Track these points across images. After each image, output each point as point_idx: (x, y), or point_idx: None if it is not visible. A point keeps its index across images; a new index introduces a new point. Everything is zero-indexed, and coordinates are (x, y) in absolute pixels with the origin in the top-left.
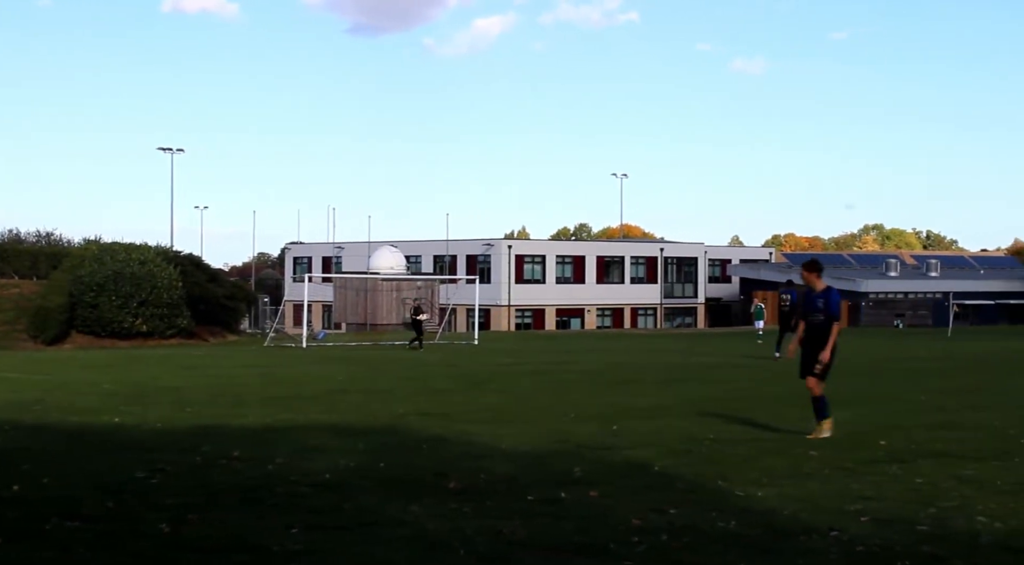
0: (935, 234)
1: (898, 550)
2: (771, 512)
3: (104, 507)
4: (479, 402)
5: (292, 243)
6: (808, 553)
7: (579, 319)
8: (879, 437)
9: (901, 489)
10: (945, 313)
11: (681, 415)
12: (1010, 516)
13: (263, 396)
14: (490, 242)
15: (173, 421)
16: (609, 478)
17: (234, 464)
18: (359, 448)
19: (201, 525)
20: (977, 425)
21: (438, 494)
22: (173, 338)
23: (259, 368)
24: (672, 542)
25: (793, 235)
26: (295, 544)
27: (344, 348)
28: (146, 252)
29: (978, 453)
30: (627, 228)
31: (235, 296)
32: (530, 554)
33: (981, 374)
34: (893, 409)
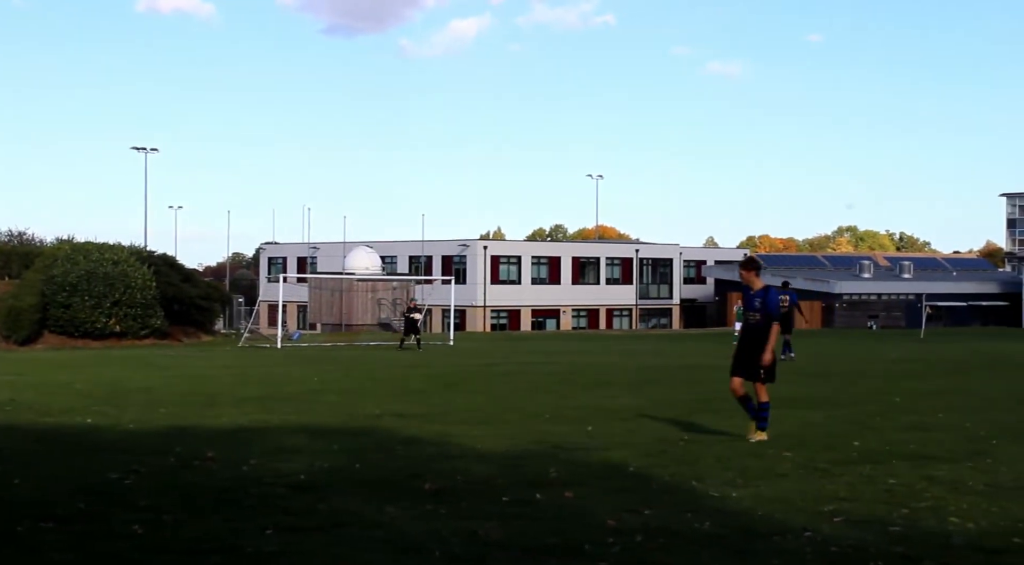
0: (908, 236)
1: (871, 551)
2: (745, 513)
3: (77, 508)
4: (454, 403)
5: (267, 243)
6: (782, 554)
7: (554, 320)
8: (853, 438)
9: (874, 490)
10: (918, 315)
11: (656, 416)
12: (982, 517)
13: (237, 397)
14: (465, 243)
15: (147, 422)
16: (584, 479)
17: (208, 465)
18: (334, 449)
19: (175, 527)
20: (949, 426)
21: (413, 495)
22: (147, 338)
23: (234, 369)
24: (647, 543)
25: (768, 236)
26: (270, 545)
27: (319, 348)
28: (119, 252)
29: (950, 454)
30: (602, 229)
31: (209, 296)
32: (506, 555)
33: (953, 376)
34: (866, 410)
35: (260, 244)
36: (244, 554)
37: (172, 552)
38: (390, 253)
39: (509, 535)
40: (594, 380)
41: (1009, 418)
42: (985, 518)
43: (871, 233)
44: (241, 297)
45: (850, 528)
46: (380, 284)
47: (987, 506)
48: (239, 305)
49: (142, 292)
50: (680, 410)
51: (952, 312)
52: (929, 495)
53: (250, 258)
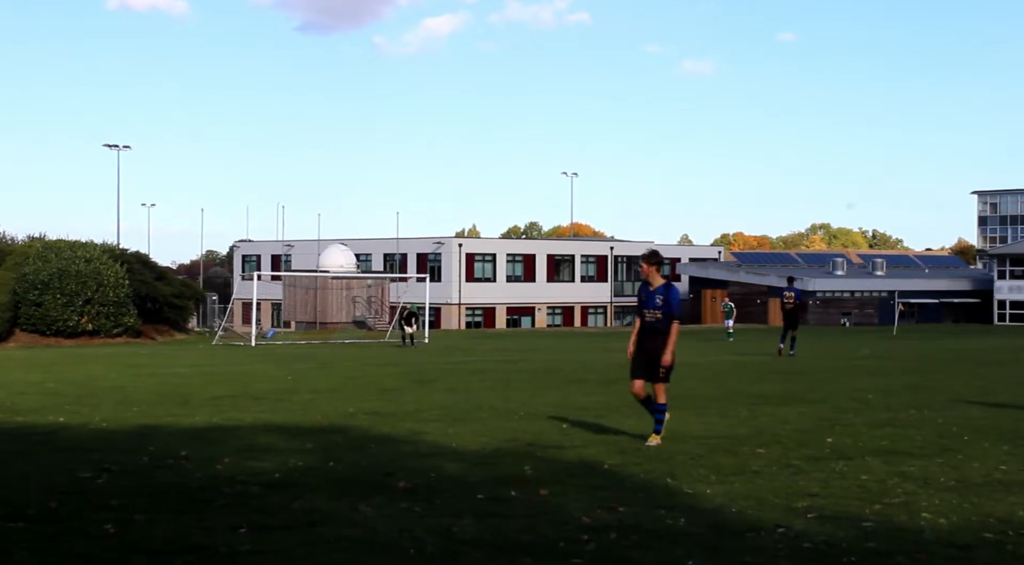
0: (881, 233)
1: (844, 547)
2: (719, 509)
3: (48, 508)
4: (429, 401)
5: (241, 241)
6: (755, 550)
7: (530, 317)
8: (825, 435)
9: (847, 486)
10: (891, 312)
11: (630, 413)
12: (953, 512)
13: (211, 395)
14: (440, 240)
15: (119, 421)
16: (559, 477)
17: (181, 464)
18: (308, 448)
19: (147, 526)
20: (921, 423)
21: (388, 493)
22: (120, 337)
23: (207, 367)
24: (621, 540)
25: (742, 234)
26: (243, 545)
27: (293, 347)
28: (92, 250)
29: (922, 450)
30: (577, 227)
31: (183, 294)
32: (480, 553)
33: (925, 373)
34: (839, 407)
35: (234, 242)
36: (217, 553)
37: (145, 552)
38: (365, 251)
39: (483, 533)
40: (569, 377)
41: (979, 414)
42: (956, 513)
43: (844, 231)
44: (215, 295)
45: (823, 524)
46: (355, 282)
47: (958, 502)
48: (213, 303)
49: (115, 290)
50: None
51: (924, 309)
52: (901, 491)
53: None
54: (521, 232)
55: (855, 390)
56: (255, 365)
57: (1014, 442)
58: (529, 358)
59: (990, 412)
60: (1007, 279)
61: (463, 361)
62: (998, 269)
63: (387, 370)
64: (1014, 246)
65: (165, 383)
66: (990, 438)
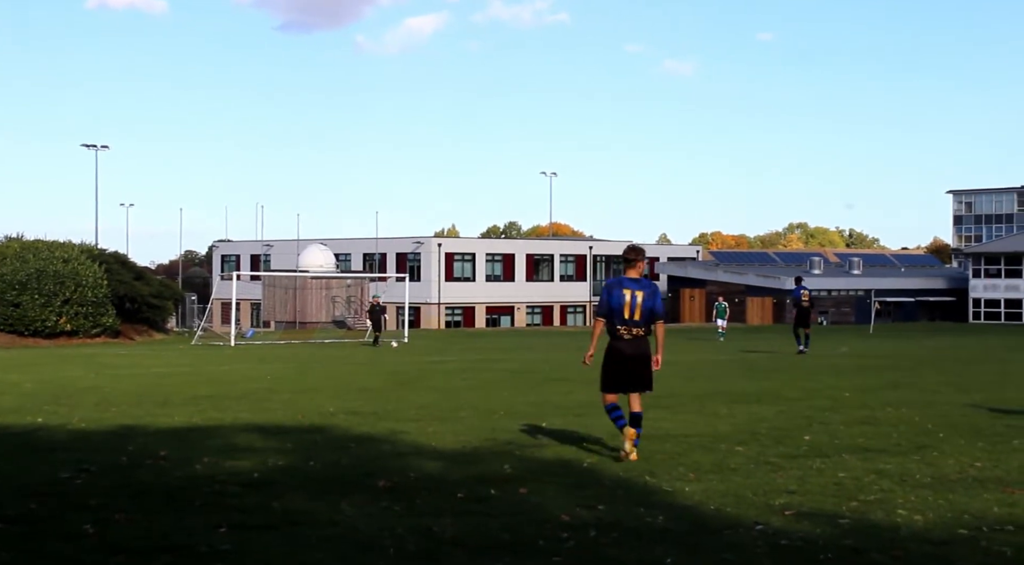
0: (858, 233)
1: (821, 544)
2: (697, 507)
3: (27, 508)
4: (408, 400)
5: (220, 241)
6: (734, 547)
7: (509, 317)
8: (803, 432)
9: (824, 483)
10: (867, 310)
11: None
12: (928, 509)
13: (190, 395)
14: (420, 240)
15: (98, 421)
16: (538, 475)
17: (160, 464)
18: (288, 447)
19: (127, 526)
20: (897, 420)
21: (368, 493)
22: (98, 337)
23: (186, 367)
24: (600, 538)
25: (720, 233)
26: (223, 544)
27: (273, 346)
28: (70, 250)
29: (898, 448)
30: (556, 226)
31: (162, 294)
32: (460, 552)
33: (901, 371)
34: (816, 405)
35: (213, 242)
36: (197, 553)
37: (125, 552)
38: (344, 251)
39: (463, 532)
40: (548, 377)
41: (954, 412)
42: (932, 510)
43: (821, 230)
44: (194, 295)
45: (800, 521)
46: (334, 282)
47: (933, 498)
48: (192, 303)
49: (93, 290)
50: None
51: (900, 307)
52: (877, 488)
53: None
54: (500, 232)
55: (832, 388)
56: (234, 365)
57: (989, 439)
58: (508, 357)
59: (965, 410)
60: (982, 278)
61: (442, 361)
62: (973, 268)
63: (367, 370)
64: (989, 245)
65: (144, 383)
66: (965, 435)
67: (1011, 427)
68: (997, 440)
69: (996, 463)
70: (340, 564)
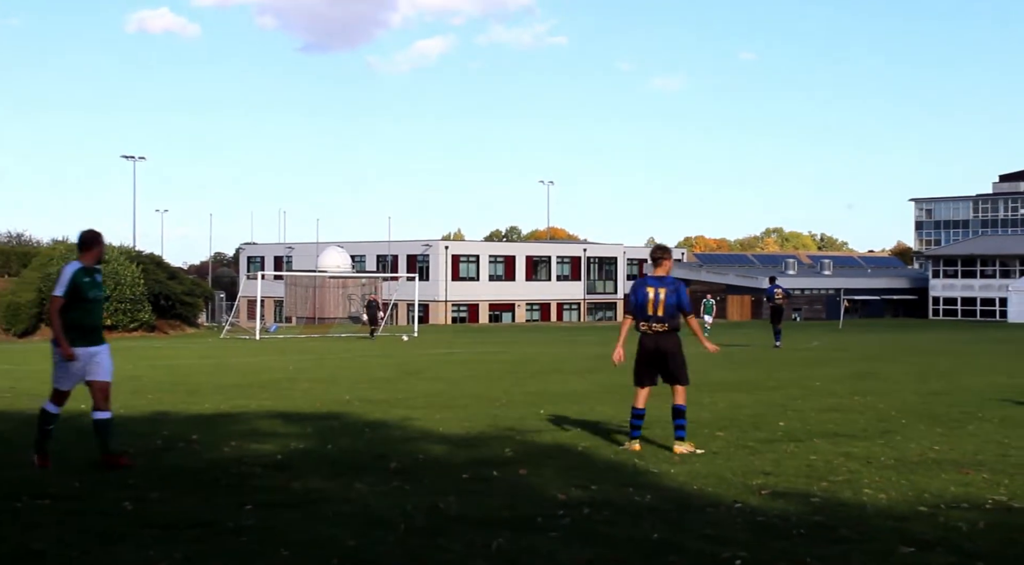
0: (828, 236)
1: (794, 520)
2: (682, 487)
3: (71, 487)
4: (417, 389)
5: (246, 243)
6: (715, 524)
7: (510, 313)
8: (778, 419)
9: (797, 465)
10: (837, 307)
11: (601, 400)
12: (892, 488)
13: (218, 384)
14: (428, 243)
15: (135, 407)
16: (536, 458)
17: (191, 447)
18: (307, 432)
19: (161, 503)
20: (864, 408)
21: (380, 473)
22: (136, 331)
23: (215, 359)
24: (593, 515)
25: (703, 237)
26: (248, 520)
27: (294, 340)
28: (110, 252)
29: (864, 433)
30: (553, 230)
31: (193, 292)
32: (464, 527)
33: (867, 362)
34: (790, 394)
35: (240, 244)
36: (224, 528)
37: (158, 526)
38: (359, 252)
39: (467, 509)
40: (545, 368)
41: (915, 400)
42: (895, 489)
43: (795, 234)
44: (222, 293)
45: (775, 500)
46: (350, 281)
47: (896, 479)
48: (221, 300)
49: (131, 288)
50: (623, 395)
51: (867, 305)
52: (846, 470)
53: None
54: (502, 235)
55: (804, 378)
56: (259, 357)
57: (947, 425)
58: (509, 351)
59: (925, 398)
60: (941, 278)
61: (449, 353)
62: (932, 269)
63: (380, 361)
64: (947, 248)
65: (177, 373)
66: (925, 421)
67: (966, 414)
68: (954, 426)
69: (953, 447)
70: (354, 539)
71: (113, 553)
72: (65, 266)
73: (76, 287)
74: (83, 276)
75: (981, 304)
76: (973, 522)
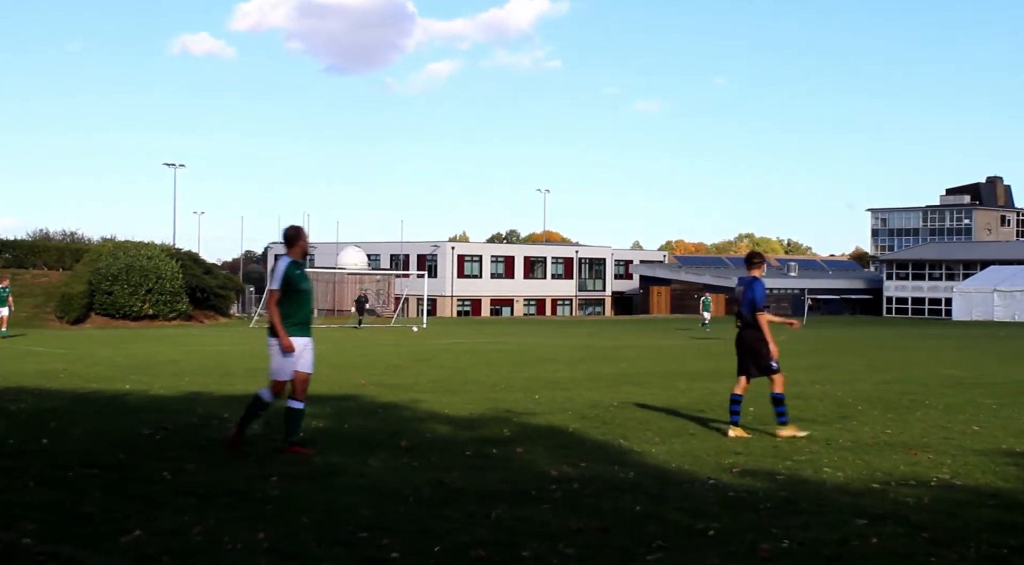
0: (794, 242)
1: (761, 495)
2: (662, 465)
3: (116, 458)
4: (426, 375)
5: (273, 243)
6: (691, 497)
7: (509, 308)
8: (748, 405)
9: (764, 446)
10: (801, 305)
11: (590, 387)
12: (848, 467)
13: (248, 368)
14: (437, 244)
15: (174, 388)
16: (532, 438)
17: (224, 424)
18: (326, 412)
19: (196, 474)
20: (823, 395)
21: (391, 450)
22: (174, 320)
23: (245, 345)
24: (583, 490)
25: (682, 241)
26: (273, 490)
27: (315, 329)
28: (153, 249)
29: (824, 418)
30: (549, 234)
31: (226, 286)
32: (467, 499)
33: (827, 355)
34: (758, 382)
35: (268, 243)
36: (252, 497)
37: (193, 494)
38: (375, 252)
39: (470, 483)
40: (540, 357)
41: (870, 388)
42: (851, 468)
43: (765, 239)
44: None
45: (744, 477)
46: (366, 277)
47: (852, 459)
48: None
49: (171, 282)
50: (609, 382)
51: (828, 304)
52: (807, 451)
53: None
54: (503, 237)
55: None
56: None
57: (897, 411)
58: (508, 341)
59: (879, 387)
60: (894, 280)
61: (454, 343)
62: (887, 272)
63: (392, 350)
64: (899, 253)
65: (211, 358)
66: (878, 408)
67: (915, 402)
68: (904, 412)
69: (902, 430)
70: (368, 508)
71: (154, 517)
72: (278, 261)
73: (289, 280)
74: (294, 269)
75: (929, 304)
76: (919, 498)
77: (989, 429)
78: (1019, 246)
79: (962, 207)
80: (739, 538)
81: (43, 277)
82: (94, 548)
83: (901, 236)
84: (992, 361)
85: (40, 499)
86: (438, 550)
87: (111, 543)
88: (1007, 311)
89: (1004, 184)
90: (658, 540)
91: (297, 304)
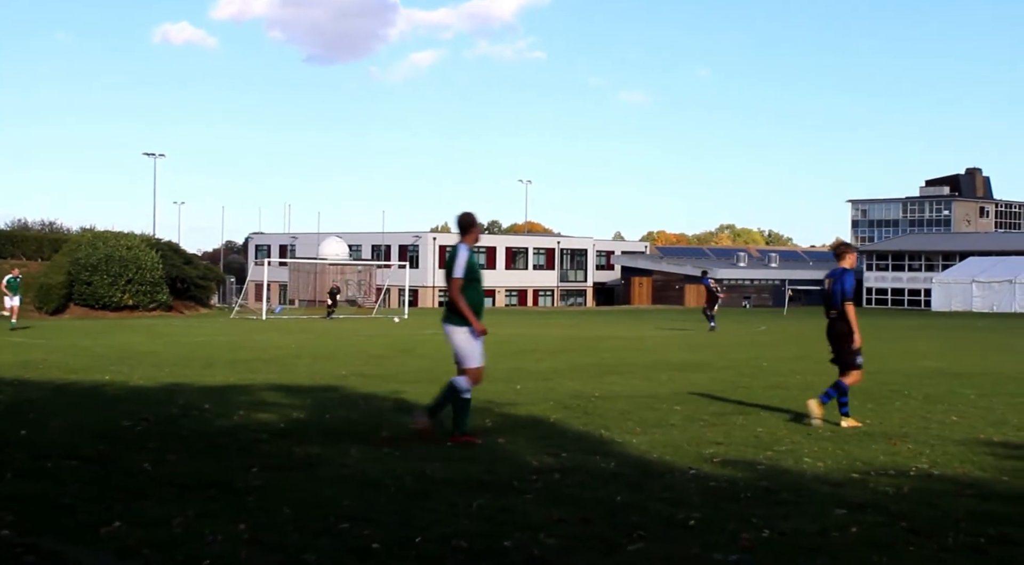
0: (775, 233)
1: (742, 485)
2: (643, 455)
3: (97, 450)
4: (408, 365)
5: (254, 233)
6: (672, 488)
7: (491, 299)
8: (729, 395)
9: (745, 436)
10: (782, 296)
11: (571, 377)
12: (828, 457)
13: (229, 359)
14: (418, 234)
15: (154, 379)
16: (513, 428)
17: (204, 415)
18: (308, 403)
19: (177, 465)
20: (804, 386)
21: (373, 442)
22: (154, 311)
23: (226, 336)
24: (564, 480)
25: (664, 232)
26: (254, 481)
27: (297, 320)
28: (132, 239)
29: (804, 408)
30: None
31: (207, 276)
32: (449, 490)
33: (808, 345)
34: (740, 373)
35: (249, 234)
36: (234, 488)
37: (174, 486)
38: (356, 242)
39: (452, 474)
40: (522, 348)
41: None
42: (831, 458)
43: (746, 230)
44: (233, 277)
45: (726, 467)
46: (348, 267)
47: (833, 449)
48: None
49: (151, 272)
50: (590, 372)
51: (809, 294)
52: (788, 441)
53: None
54: (484, 228)
55: (753, 359)
56: (265, 335)
57: (877, 401)
58: (490, 332)
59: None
60: (874, 271)
61: (436, 334)
62: (867, 263)
63: (374, 340)
64: (879, 245)
65: (192, 349)
66: (858, 397)
67: (894, 392)
68: (883, 402)
69: (882, 420)
70: (349, 499)
71: (135, 508)
72: (458, 249)
73: (470, 268)
74: (473, 257)
75: (909, 294)
76: (899, 487)
77: (968, 419)
78: (998, 237)
79: (941, 199)
80: (720, 528)
81: (21, 267)
82: (74, 540)
83: (881, 227)
84: (971, 352)
85: (19, 491)
86: (420, 540)
87: (92, 535)
88: (986, 302)
89: (983, 176)
90: (640, 530)
91: (476, 292)
